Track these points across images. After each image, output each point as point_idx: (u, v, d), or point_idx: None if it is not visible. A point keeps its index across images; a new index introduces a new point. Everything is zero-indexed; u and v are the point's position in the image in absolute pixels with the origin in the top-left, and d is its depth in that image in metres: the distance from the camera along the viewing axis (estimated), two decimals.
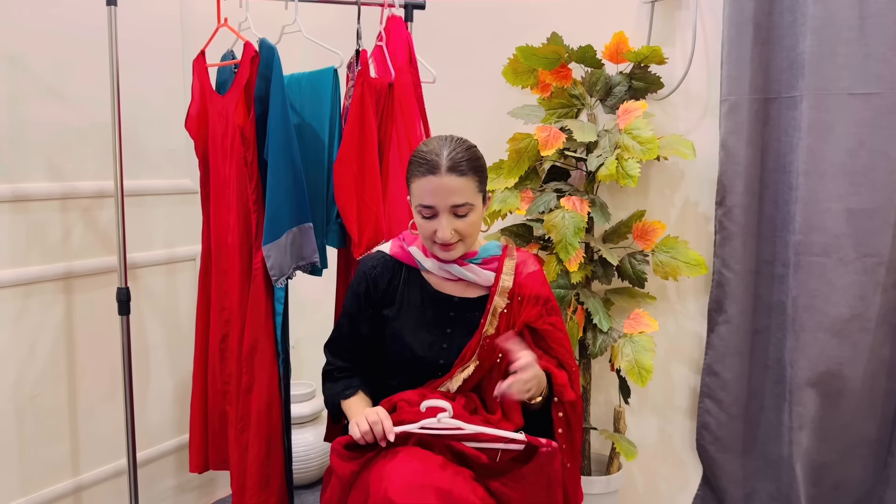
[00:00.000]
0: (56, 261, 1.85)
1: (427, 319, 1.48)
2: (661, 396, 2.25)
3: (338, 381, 1.54)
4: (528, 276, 1.50)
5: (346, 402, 1.50)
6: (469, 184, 1.38)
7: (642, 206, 2.15)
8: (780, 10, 1.96)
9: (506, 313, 1.47)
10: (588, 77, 2.09)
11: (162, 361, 2.16)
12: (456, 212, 1.38)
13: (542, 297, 1.50)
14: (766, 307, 2.07)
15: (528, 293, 1.48)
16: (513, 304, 1.48)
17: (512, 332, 1.44)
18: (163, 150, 2.12)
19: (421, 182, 1.38)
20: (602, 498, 2.09)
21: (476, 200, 1.40)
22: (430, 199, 1.37)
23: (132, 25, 1.95)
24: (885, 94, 1.81)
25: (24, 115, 1.77)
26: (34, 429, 1.83)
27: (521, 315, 1.48)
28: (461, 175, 1.36)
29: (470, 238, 1.43)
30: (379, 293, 1.50)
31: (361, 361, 1.55)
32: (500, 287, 1.47)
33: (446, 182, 1.35)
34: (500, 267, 1.49)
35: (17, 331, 1.78)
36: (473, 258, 1.48)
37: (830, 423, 1.94)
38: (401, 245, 1.53)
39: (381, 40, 1.84)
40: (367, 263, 1.52)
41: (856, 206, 1.86)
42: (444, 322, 1.48)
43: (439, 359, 1.47)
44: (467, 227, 1.40)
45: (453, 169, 1.36)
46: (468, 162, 1.38)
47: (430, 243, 1.44)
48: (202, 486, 2.32)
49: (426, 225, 1.41)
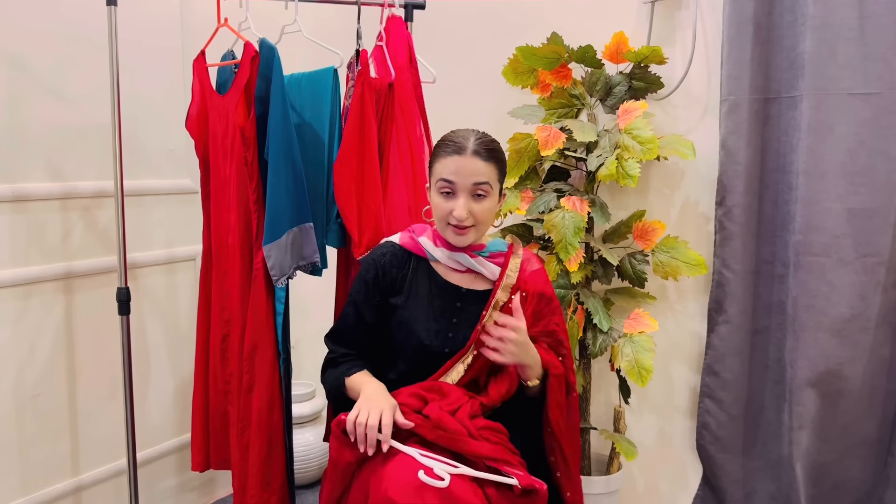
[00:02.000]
0: (56, 261, 1.85)
1: (434, 308, 1.51)
2: (661, 396, 2.25)
3: (340, 364, 1.54)
4: (532, 273, 1.54)
5: (351, 378, 1.48)
6: (490, 169, 1.45)
7: (642, 206, 2.16)
8: (780, 10, 1.96)
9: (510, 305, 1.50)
10: (588, 77, 2.09)
11: (162, 361, 2.16)
12: (476, 191, 1.43)
13: (545, 294, 1.53)
14: (766, 307, 2.07)
15: (531, 290, 1.52)
16: (521, 299, 1.50)
17: (520, 297, 1.48)
18: (163, 150, 2.12)
19: (446, 160, 1.44)
20: (602, 498, 2.09)
21: (494, 187, 1.46)
22: (452, 176, 1.43)
23: (132, 25, 1.95)
24: (885, 94, 1.81)
25: (24, 115, 1.77)
26: (34, 429, 1.83)
27: (527, 309, 1.50)
28: (485, 160, 1.44)
29: (482, 226, 1.47)
30: (388, 281, 1.52)
31: (364, 350, 1.56)
32: (504, 282, 1.50)
33: (470, 162, 1.42)
34: (505, 262, 1.53)
35: (17, 331, 1.78)
36: (482, 251, 1.52)
37: (830, 423, 1.94)
38: (411, 235, 1.56)
39: (381, 40, 1.84)
40: (377, 251, 1.55)
41: (856, 206, 1.86)
42: (451, 312, 1.51)
43: (444, 347, 1.49)
44: (482, 212, 1.45)
45: (478, 153, 1.43)
46: (492, 151, 1.46)
47: (444, 226, 1.47)
48: (203, 486, 2.32)
49: (444, 204, 1.45)
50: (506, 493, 1.31)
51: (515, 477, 1.31)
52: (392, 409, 1.34)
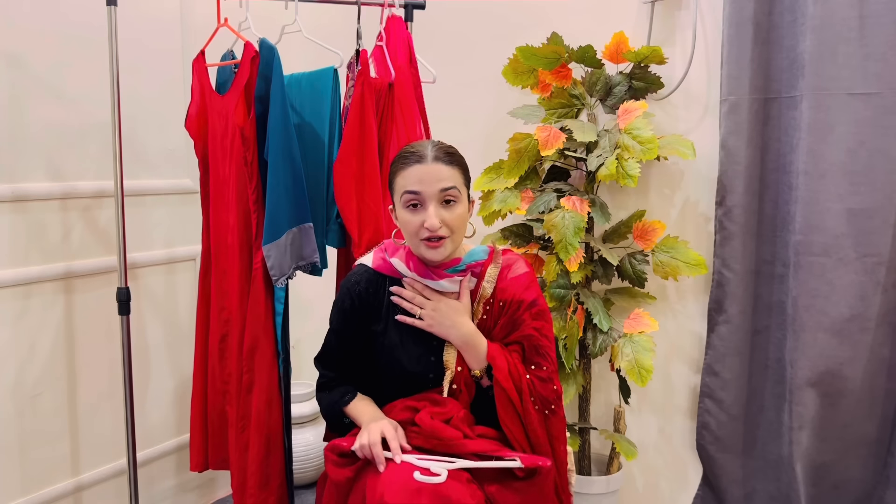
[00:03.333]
0: (56, 261, 1.85)
1: (413, 332, 1.45)
2: (661, 396, 2.25)
3: (333, 389, 1.53)
4: (513, 280, 1.45)
5: (349, 408, 1.48)
6: (455, 173, 1.38)
7: (642, 206, 2.16)
8: (780, 10, 1.96)
9: (485, 319, 1.45)
10: (588, 77, 2.09)
11: (162, 361, 2.16)
12: (444, 197, 1.36)
13: (525, 301, 1.44)
14: (766, 307, 2.07)
15: (509, 297, 1.44)
16: (493, 310, 1.45)
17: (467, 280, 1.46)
18: (163, 150, 2.12)
19: (407, 172, 1.37)
20: (602, 498, 2.09)
21: (462, 192, 1.39)
22: (416, 186, 1.35)
23: (132, 25, 1.95)
24: (885, 94, 1.81)
25: (24, 115, 1.77)
26: (34, 429, 1.83)
27: (500, 318, 1.45)
28: (447, 164, 1.37)
29: (457, 235, 1.40)
30: (365, 309, 1.47)
31: (353, 372, 1.53)
32: (479, 295, 1.45)
33: (433, 169, 1.35)
34: (482, 273, 1.46)
35: (17, 331, 1.78)
36: (457, 265, 1.45)
37: (830, 423, 1.94)
38: (382, 256, 1.49)
39: (381, 40, 1.84)
40: (351, 279, 1.48)
41: (856, 206, 1.85)
42: (429, 335, 1.45)
43: (429, 372, 1.44)
44: (454, 219, 1.37)
45: (439, 158, 1.37)
46: (453, 156, 1.40)
47: (417, 242, 1.39)
48: (202, 486, 2.32)
49: (413, 218, 1.37)
50: (510, 485, 1.29)
51: (518, 458, 1.29)
52: (394, 427, 1.35)
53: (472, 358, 1.42)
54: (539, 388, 1.41)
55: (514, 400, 1.39)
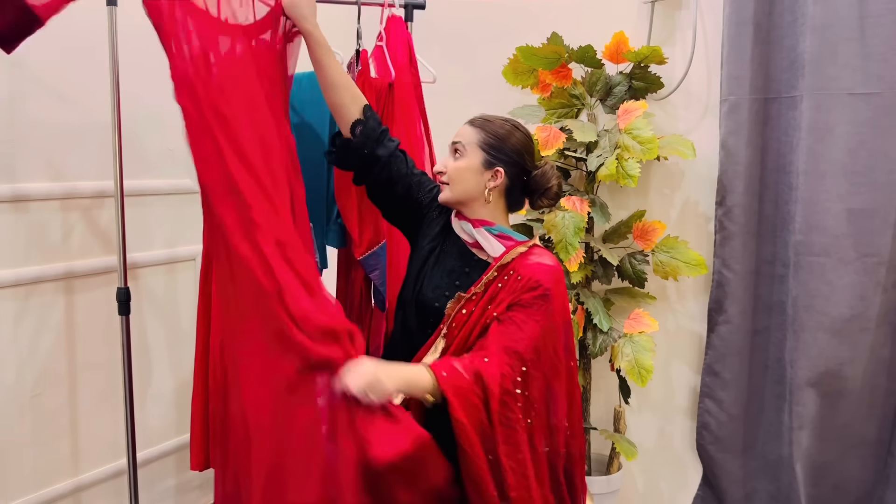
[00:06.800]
0: (56, 261, 1.85)
1: (446, 266, 1.54)
2: (661, 396, 2.25)
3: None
4: (534, 264, 1.46)
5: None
6: (472, 133, 1.49)
7: (642, 206, 2.16)
8: (780, 10, 1.96)
9: (499, 287, 1.45)
10: (588, 77, 2.09)
11: (162, 361, 2.16)
12: (453, 148, 1.51)
13: (532, 279, 1.43)
14: (766, 307, 2.07)
15: (522, 272, 1.44)
16: (509, 281, 1.45)
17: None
18: (163, 150, 2.12)
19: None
20: (602, 498, 2.09)
21: (469, 149, 1.48)
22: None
23: (132, 25, 1.95)
24: (885, 94, 1.81)
25: (24, 115, 1.77)
26: (34, 429, 1.82)
27: (506, 289, 1.44)
28: (471, 125, 1.51)
29: (455, 185, 1.48)
30: (433, 212, 1.58)
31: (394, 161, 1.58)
32: (500, 262, 1.47)
33: (463, 127, 1.52)
34: (511, 246, 1.49)
35: (17, 331, 1.78)
36: (491, 227, 1.51)
37: (830, 423, 1.94)
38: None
39: (381, 40, 1.84)
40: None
41: (856, 206, 1.86)
42: (457, 275, 1.53)
43: (435, 301, 1.50)
44: (452, 170, 1.48)
45: (472, 121, 1.52)
46: (486, 122, 1.51)
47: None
48: (202, 486, 2.31)
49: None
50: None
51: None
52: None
53: (416, 391, 1.36)
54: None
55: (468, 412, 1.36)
